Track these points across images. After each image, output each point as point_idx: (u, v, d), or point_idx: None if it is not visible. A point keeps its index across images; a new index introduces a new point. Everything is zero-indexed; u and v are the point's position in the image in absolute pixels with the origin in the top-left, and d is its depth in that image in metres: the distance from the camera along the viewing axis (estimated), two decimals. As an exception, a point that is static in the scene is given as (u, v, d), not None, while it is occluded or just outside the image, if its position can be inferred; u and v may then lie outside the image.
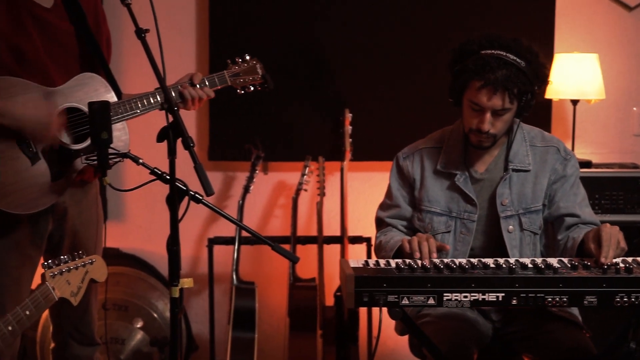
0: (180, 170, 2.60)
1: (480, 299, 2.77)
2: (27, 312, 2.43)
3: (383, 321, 2.81)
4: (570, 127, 4.62)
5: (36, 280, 2.87)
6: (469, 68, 3.12)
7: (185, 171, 2.82)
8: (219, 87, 3.32)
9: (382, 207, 3.44)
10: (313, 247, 4.49)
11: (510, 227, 3.23)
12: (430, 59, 4.59)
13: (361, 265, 2.91)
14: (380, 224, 3.42)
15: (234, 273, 4.39)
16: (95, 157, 2.79)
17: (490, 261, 2.93)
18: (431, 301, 2.76)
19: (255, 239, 2.82)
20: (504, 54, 3.09)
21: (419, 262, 2.92)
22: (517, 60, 3.09)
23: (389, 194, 3.42)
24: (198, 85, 3.23)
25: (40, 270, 2.59)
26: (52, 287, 2.52)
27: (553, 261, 2.96)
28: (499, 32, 3.18)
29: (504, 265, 2.89)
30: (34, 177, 2.98)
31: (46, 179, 3.01)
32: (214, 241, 4.55)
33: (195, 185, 2.64)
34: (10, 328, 2.37)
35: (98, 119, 2.72)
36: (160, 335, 4.35)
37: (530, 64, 3.11)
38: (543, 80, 3.18)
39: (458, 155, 3.30)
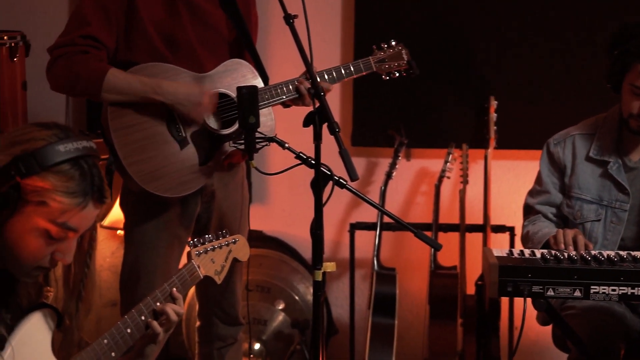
0: (324, 154, 2.62)
1: (629, 293, 2.70)
2: (174, 289, 2.49)
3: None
4: None
5: (184, 261, 2.95)
6: (631, 51, 3.04)
7: (329, 156, 2.84)
8: (364, 73, 3.32)
9: (532, 193, 3.38)
10: (455, 235, 4.45)
11: (664, 218, 3.13)
12: (581, 44, 4.44)
13: (505, 255, 2.87)
14: (528, 211, 3.36)
15: (375, 258, 4.40)
16: (242, 141, 2.84)
17: (640, 254, 2.84)
18: (577, 293, 2.71)
19: (397, 225, 2.81)
20: None
21: (565, 253, 2.86)
22: None
23: (538, 180, 3.36)
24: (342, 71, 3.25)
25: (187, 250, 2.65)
26: (197, 265, 2.57)
27: None
28: None
29: (654, 259, 2.80)
30: (183, 161, 3.06)
31: (194, 163, 3.08)
32: (355, 226, 4.56)
33: (338, 170, 2.66)
34: (158, 304, 2.43)
35: (246, 103, 2.76)
36: (301, 317, 4.41)
37: None
38: None
39: (612, 142, 3.21)
